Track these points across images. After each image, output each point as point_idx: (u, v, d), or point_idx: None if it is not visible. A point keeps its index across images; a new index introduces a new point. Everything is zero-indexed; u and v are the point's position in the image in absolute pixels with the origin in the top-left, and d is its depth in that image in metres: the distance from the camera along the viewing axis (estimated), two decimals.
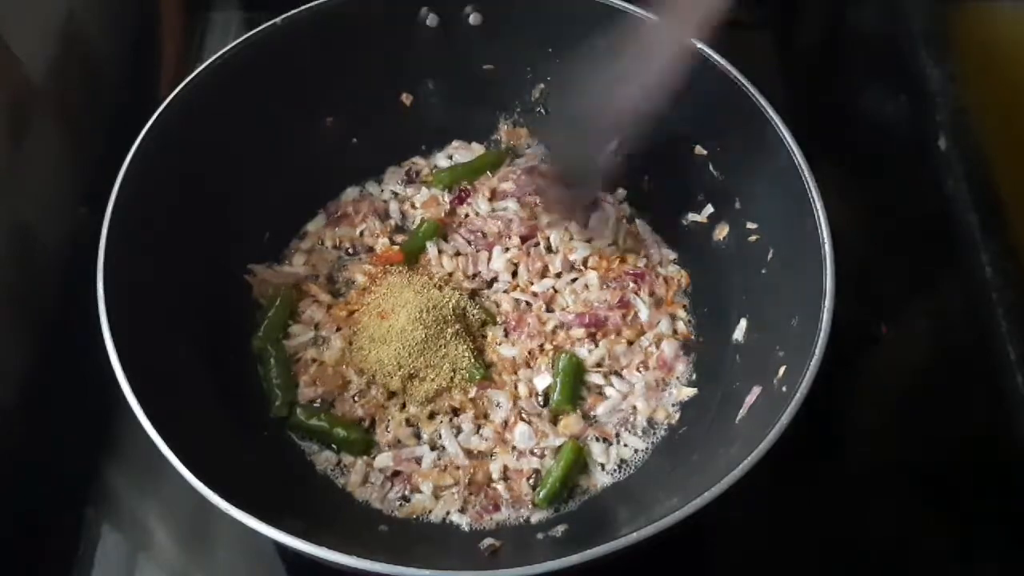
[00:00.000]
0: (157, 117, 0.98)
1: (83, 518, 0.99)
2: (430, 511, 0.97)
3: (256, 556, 0.98)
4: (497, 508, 0.97)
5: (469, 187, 1.19)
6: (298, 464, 1.00)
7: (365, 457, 1.00)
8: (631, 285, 1.10)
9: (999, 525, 1.00)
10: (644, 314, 1.09)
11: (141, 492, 1.02)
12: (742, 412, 0.93)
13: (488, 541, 0.92)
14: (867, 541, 0.99)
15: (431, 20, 1.12)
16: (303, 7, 1.07)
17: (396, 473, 0.99)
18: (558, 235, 1.14)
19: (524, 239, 1.14)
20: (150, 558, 0.99)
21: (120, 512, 1.02)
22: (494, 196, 1.18)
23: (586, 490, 0.99)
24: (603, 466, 1.00)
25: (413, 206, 1.18)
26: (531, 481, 0.99)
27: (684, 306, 1.11)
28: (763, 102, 0.99)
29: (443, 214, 1.16)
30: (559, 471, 0.97)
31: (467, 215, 1.17)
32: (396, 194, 1.20)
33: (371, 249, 1.15)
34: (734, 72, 1.01)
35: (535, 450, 1.00)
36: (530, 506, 0.97)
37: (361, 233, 1.16)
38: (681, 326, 1.09)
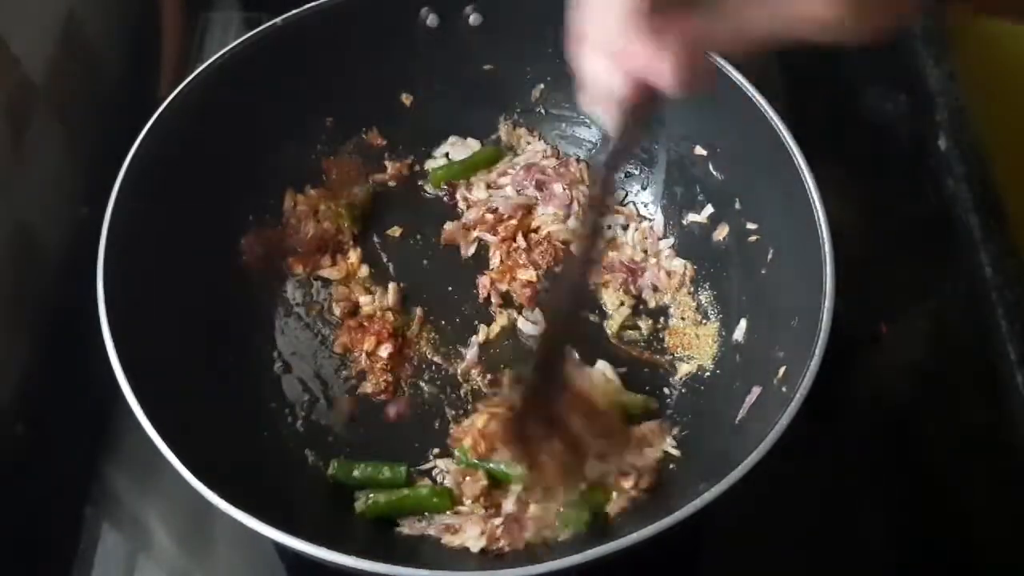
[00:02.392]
0: (157, 117, 0.98)
1: (83, 518, 0.99)
2: None
3: (256, 556, 0.98)
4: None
5: (457, 183, 1.18)
6: (298, 464, 1.00)
7: None
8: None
9: (999, 525, 1.00)
10: None
11: (141, 492, 1.02)
12: (742, 412, 0.93)
13: None
14: (867, 541, 0.99)
15: (431, 20, 1.12)
16: (303, 7, 1.07)
17: None
18: (548, 217, 1.14)
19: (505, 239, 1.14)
20: (150, 558, 0.99)
21: (120, 512, 1.01)
22: (491, 188, 1.19)
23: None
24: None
25: None
26: None
27: (690, 292, 1.10)
28: (762, 102, 0.99)
29: None
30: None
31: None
32: None
33: None
34: (733, 72, 1.01)
35: None
36: None
37: None
38: (690, 313, 1.09)
